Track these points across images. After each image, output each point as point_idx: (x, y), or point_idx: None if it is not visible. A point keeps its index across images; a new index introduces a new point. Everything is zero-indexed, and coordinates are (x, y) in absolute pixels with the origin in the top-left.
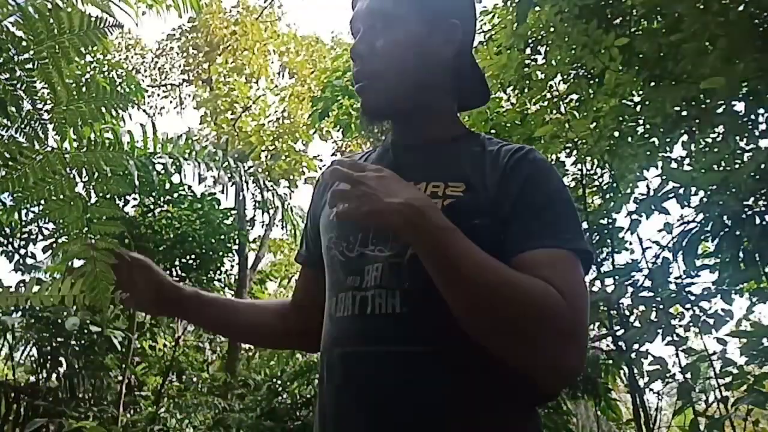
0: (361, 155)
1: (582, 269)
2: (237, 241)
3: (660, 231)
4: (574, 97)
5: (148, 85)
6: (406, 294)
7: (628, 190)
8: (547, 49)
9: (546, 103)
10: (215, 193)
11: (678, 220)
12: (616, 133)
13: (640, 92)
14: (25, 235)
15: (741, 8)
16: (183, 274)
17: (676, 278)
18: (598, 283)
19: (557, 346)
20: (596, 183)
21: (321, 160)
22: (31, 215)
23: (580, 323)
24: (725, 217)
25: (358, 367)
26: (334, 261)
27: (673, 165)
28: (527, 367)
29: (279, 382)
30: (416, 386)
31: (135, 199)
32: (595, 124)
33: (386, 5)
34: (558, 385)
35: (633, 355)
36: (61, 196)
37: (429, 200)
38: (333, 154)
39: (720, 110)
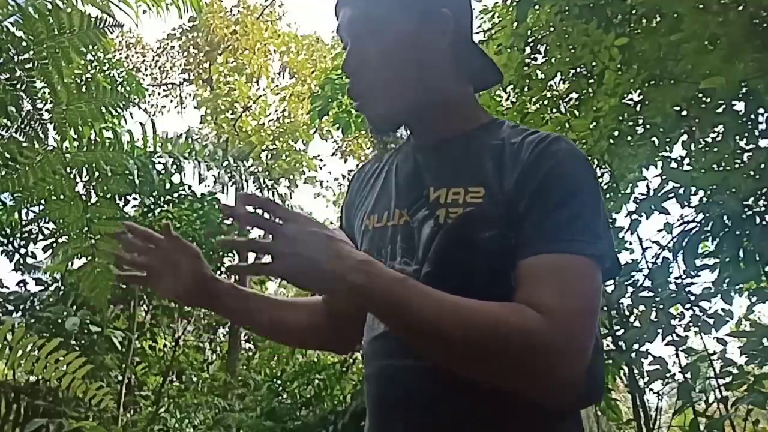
0: (387, 156)
1: (597, 274)
2: None
3: (660, 231)
4: (574, 96)
5: (148, 84)
6: None
7: (628, 190)
8: (547, 48)
9: (546, 103)
10: (215, 193)
11: (678, 220)
12: (616, 133)
13: (639, 92)
14: (25, 235)
15: (741, 8)
16: None
17: (676, 278)
18: None
19: (535, 371)
20: None
21: (321, 160)
22: (31, 215)
23: (566, 339)
24: (725, 217)
25: (395, 380)
26: None
27: (673, 165)
28: (512, 390)
29: (279, 382)
30: (449, 398)
31: (135, 199)
32: (594, 123)
33: (369, 10)
34: (553, 402)
35: (633, 355)
36: (61, 196)
37: (358, 254)
38: (333, 154)
39: (720, 110)
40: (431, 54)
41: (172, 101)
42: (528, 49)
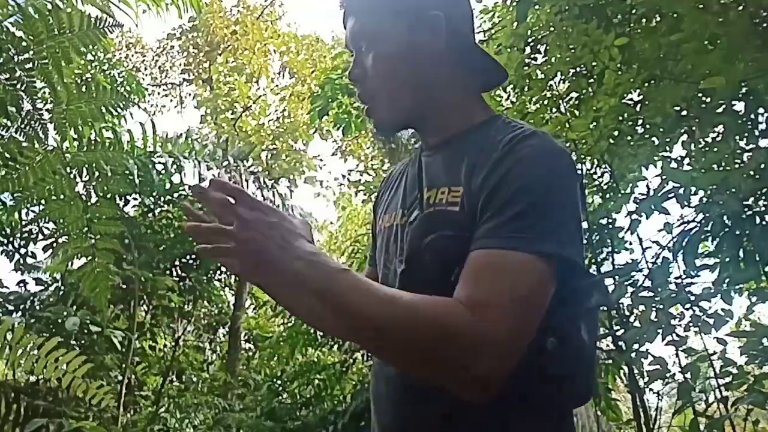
0: (400, 165)
1: (540, 271)
2: None
3: (660, 231)
4: (574, 96)
5: (148, 84)
6: None
7: (628, 190)
8: (547, 48)
9: (546, 103)
10: None
11: (678, 220)
12: (616, 133)
13: (638, 91)
14: (25, 235)
15: (741, 8)
16: (183, 274)
17: (676, 278)
18: None
19: (447, 363)
20: (596, 183)
21: (321, 160)
22: (31, 215)
23: (487, 332)
24: (725, 217)
25: (389, 373)
26: (383, 272)
27: (673, 165)
28: (432, 383)
29: (279, 382)
30: (423, 396)
31: (135, 199)
32: (594, 123)
33: (364, 23)
34: (472, 396)
35: (633, 355)
36: (61, 196)
37: (309, 246)
38: (333, 154)
39: (720, 110)
40: (427, 58)
41: (172, 101)
42: (528, 49)
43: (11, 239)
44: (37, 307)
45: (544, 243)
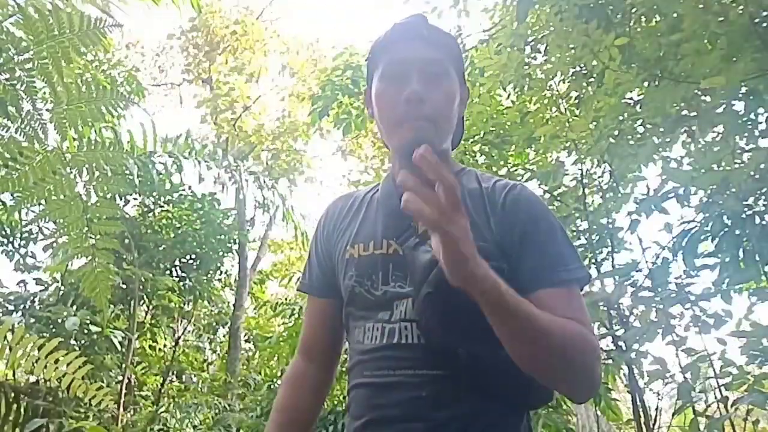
0: (365, 192)
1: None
2: (237, 241)
3: (660, 231)
4: (574, 95)
5: (148, 84)
6: (420, 327)
7: (628, 190)
8: (547, 48)
9: (546, 102)
10: (215, 193)
11: (678, 220)
12: (616, 133)
13: (638, 91)
14: (25, 235)
15: (741, 8)
16: (183, 274)
17: (676, 278)
18: (598, 283)
19: (594, 371)
20: (596, 183)
21: (321, 159)
22: (31, 215)
23: (598, 345)
24: (725, 217)
25: (388, 387)
26: (360, 298)
27: (673, 165)
28: (570, 390)
29: (279, 382)
30: (439, 400)
31: (135, 199)
32: (595, 123)
33: (443, 59)
34: (585, 399)
35: (633, 355)
36: (61, 196)
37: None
38: (333, 154)
39: (720, 110)
40: (457, 111)
41: (171, 101)
42: (528, 49)
43: (11, 239)
44: (37, 307)
45: (582, 269)
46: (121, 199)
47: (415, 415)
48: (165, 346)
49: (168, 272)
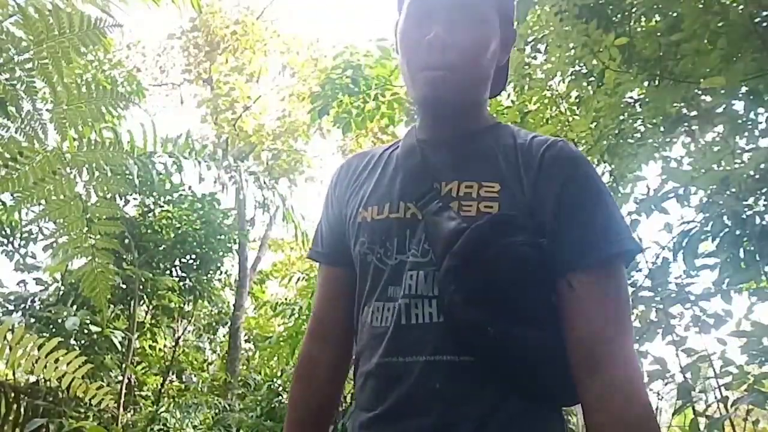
0: (384, 149)
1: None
2: (237, 241)
3: (660, 231)
4: (574, 95)
5: (148, 84)
6: (442, 303)
7: (628, 190)
8: (547, 48)
9: (546, 102)
10: (215, 193)
11: (678, 220)
12: (616, 132)
13: (638, 91)
14: (25, 235)
15: (741, 8)
16: (183, 274)
17: (676, 278)
18: None
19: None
20: None
21: (321, 159)
22: (31, 215)
23: (648, 401)
24: (725, 217)
25: (398, 377)
26: (370, 268)
27: (673, 165)
28: None
29: (279, 382)
30: (455, 394)
31: (135, 199)
32: (595, 123)
33: (477, 4)
34: None
35: None
36: (61, 196)
37: None
38: (333, 154)
39: (720, 110)
40: (495, 58)
41: (172, 101)
42: (528, 49)
43: (11, 239)
44: (37, 307)
45: (630, 239)
46: (121, 199)
47: (426, 410)
48: (165, 346)
49: (168, 272)
